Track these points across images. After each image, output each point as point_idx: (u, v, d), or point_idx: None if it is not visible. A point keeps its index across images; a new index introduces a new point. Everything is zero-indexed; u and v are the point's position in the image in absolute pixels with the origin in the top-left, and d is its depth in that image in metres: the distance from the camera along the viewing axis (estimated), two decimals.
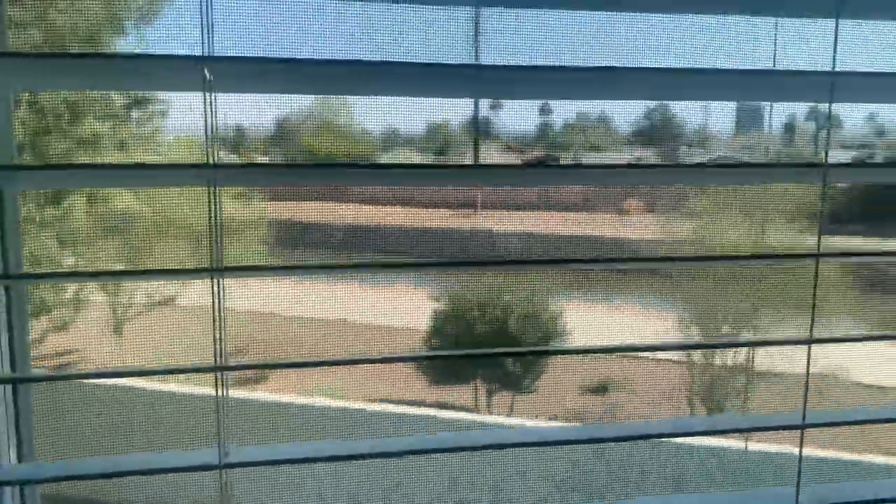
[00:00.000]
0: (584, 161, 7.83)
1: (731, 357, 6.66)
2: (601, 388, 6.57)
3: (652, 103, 7.80)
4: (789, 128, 7.81)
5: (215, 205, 0.75)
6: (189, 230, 6.20)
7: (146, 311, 6.72)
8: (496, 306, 6.40)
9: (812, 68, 0.78)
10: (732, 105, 7.51)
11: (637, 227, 7.37)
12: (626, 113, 7.28)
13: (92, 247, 6.25)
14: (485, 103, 7.32)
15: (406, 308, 6.91)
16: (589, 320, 6.88)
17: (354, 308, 6.93)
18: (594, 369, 6.62)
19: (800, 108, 7.50)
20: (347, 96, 7.53)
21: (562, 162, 7.86)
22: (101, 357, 6.64)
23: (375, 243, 7.28)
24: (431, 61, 0.75)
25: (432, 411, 4.91)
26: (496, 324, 6.40)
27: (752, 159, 7.57)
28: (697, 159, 7.59)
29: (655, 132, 7.83)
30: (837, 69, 0.78)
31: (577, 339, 6.78)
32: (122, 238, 6.42)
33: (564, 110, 7.90)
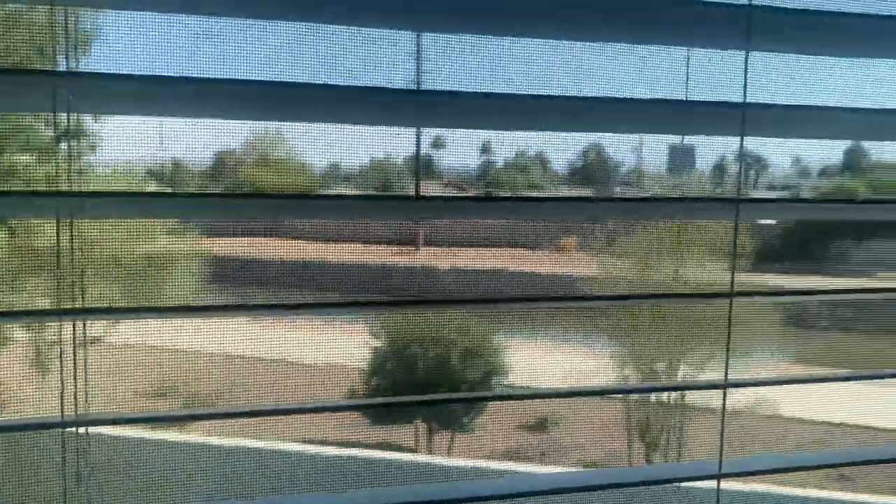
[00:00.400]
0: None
1: (665, 392, 6.79)
2: (540, 426, 6.59)
3: (588, 143, 8.01)
4: (718, 167, 8.12)
5: (71, 240, 0.69)
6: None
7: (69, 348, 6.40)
8: (438, 343, 6.37)
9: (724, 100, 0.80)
10: (665, 145, 7.77)
11: (573, 264, 7.50)
12: (563, 152, 7.45)
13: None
14: (427, 141, 7.37)
15: (345, 346, 6.82)
16: (529, 356, 6.92)
17: (294, 347, 6.80)
18: (534, 406, 6.64)
19: (731, 148, 7.81)
20: (286, 126, 7.47)
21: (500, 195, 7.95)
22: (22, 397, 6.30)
23: (313, 279, 7.19)
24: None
25: (373, 453, 4.83)
26: (437, 360, 6.37)
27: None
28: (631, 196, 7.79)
29: (590, 172, 8.04)
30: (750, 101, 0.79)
31: (518, 376, 6.81)
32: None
33: (504, 149, 8.03)
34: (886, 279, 7.66)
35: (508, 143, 8.50)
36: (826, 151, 8.61)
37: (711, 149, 7.72)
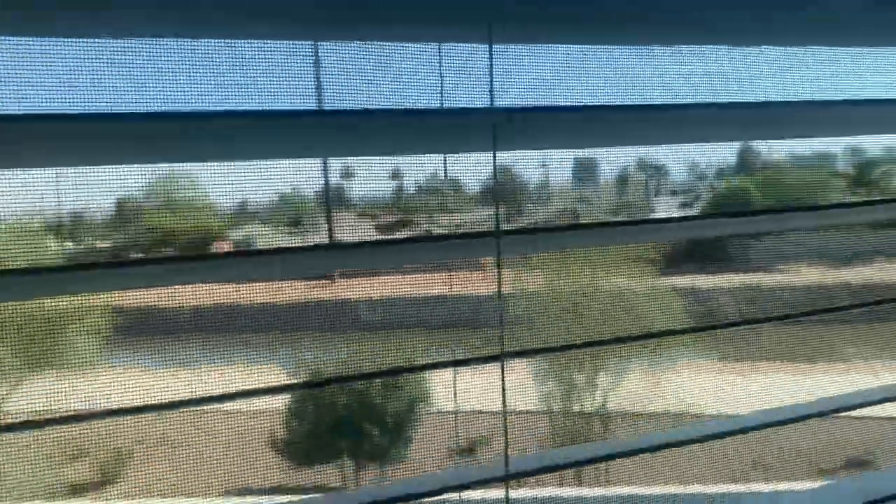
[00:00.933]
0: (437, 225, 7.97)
1: (588, 403, 6.90)
2: (470, 449, 6.56)
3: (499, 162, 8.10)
4: (622, 179, 8.35)
5: None
6: None
7: None
8: (356, 377, 6.28)
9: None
10: (570, 160, 7.94)
11: (492, 281, 7.55)
12: (475, 172, 7.50)
13: None
14: (336, 171, 7.33)
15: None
16: (450, 378, 6.91)
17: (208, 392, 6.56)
18: (461, 430, 6.62)
19: (632, 160, 8.05)
20: (180, 164, 7.28)
21: (415, 224, 7.97)
22: None
23: (228, 323, 7.00)
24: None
25: (298, 497, 4.70)
26: (358, 395, 6.28)
27: (588, 210, 7.98)
28: (542, 213, 7.94)
29: (501, 190, 8.14)
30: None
31: (443, 403, 6.78)
32: None
33: (415, 173, 8.05)
34: (785, 272, 8.03)
35: (418, 168, 8.53)
36: (722, 153, 8.99)
37: (617, 160, 7.94)
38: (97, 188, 7.24)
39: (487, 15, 0.75)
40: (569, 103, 0.80)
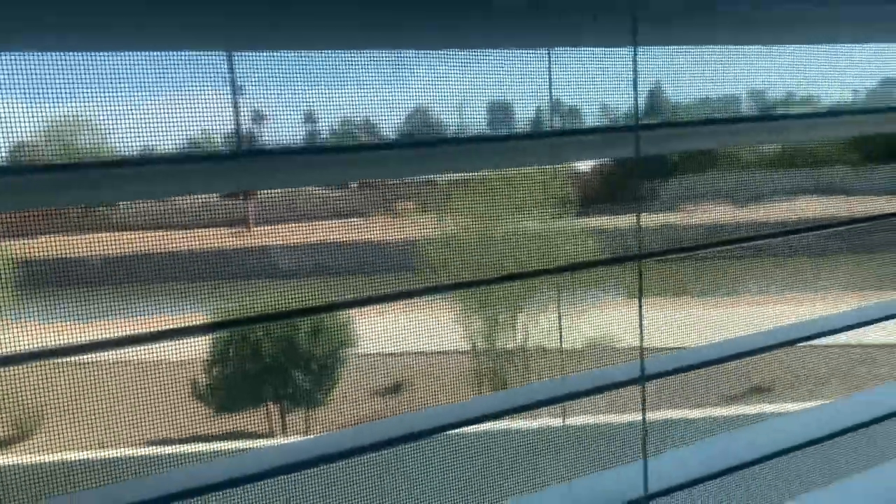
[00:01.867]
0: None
1: (510, 340, 7.09)
2: (394, 389, 6.67)
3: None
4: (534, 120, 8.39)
5: None
6: None
7: None
8: (280, 323, 6.24)
9: None
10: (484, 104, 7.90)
11: (412, 226, 7.56)
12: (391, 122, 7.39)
13: None
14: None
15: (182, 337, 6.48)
16: (378, 320, 6.95)
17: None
18: (385, 372, 6.71)
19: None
20: None
21: None
22: None
23: (140, 272, 6.77)
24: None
25: (221, 444, 4.68)
26: (283, 342, 6.25)
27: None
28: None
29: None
30: None
31: (370, 345, 6.83)
32: None
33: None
34: (692, 211, 8.41)
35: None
36: None
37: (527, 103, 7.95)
38: None
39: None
40: None
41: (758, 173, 8.74)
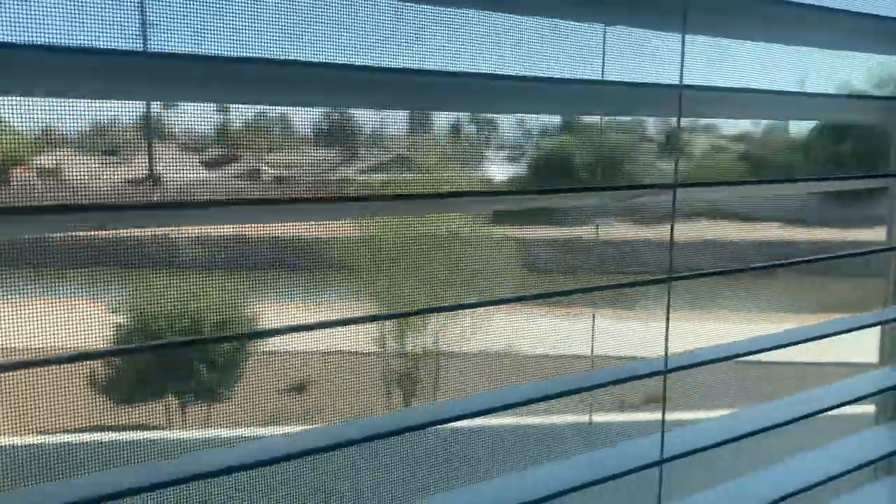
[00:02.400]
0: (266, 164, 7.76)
1: (420, 343, 7.18)
2: (300, 388, 6.62)
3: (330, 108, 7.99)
4: (455, 129, 8.57)
5: None
6: None
7: None
8: (185, 315, 6.08)
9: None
10: (405, 112, 8.01)
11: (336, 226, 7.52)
12: (304, 113, 7.35)
13: None
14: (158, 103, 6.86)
15: (82, 323, 6.21)
16: (285, 318, 6.88)
17: (20, 329, 6.03)
18: (292, 369, 6.64)
19: (463, 114, 8.26)
20: None
21: (242, 159, 7.69)
22: None
23: (35, 258, 6.42)
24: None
25: (117, 435, 4.52)
26: (188, 334, 6.08)
27: (420, 157, 8.12)
28: (375, 158, 7.97)
29: (334, 133, 8.05)
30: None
31: (280, 342, 6.74)
32: None
33: (243, 109, 7.72)
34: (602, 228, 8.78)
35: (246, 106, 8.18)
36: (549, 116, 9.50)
37: (447, 115, 8.12)
38: None
39: None
40: None
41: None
